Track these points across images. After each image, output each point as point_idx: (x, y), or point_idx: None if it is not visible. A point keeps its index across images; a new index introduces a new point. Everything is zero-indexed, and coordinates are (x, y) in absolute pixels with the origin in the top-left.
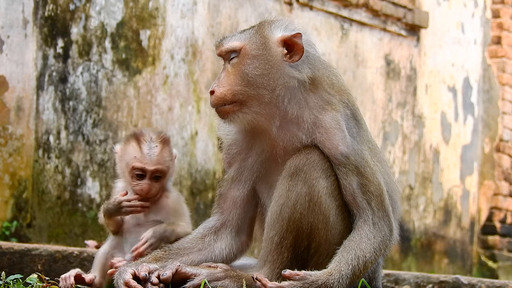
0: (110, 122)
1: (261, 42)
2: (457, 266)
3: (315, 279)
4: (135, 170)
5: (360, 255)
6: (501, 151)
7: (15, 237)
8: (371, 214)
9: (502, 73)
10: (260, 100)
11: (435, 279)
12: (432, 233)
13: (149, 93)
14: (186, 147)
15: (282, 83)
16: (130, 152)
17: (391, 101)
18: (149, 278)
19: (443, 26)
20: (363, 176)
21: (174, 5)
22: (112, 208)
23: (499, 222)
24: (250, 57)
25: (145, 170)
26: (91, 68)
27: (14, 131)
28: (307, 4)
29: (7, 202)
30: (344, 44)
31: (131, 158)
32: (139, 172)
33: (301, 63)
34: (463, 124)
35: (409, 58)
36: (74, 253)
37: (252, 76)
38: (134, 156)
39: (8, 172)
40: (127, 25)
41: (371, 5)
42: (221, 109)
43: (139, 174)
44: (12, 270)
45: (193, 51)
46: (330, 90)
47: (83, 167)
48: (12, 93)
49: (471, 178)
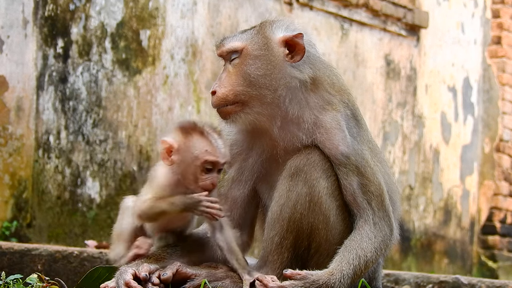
0: (110, 122)
1: (263, 43)
2: (457, 266)
3: (316, 279)
4: (207, 164)
5: (361, 254)
6: (501, 151)
7: (15, 237)
8: (372, 214)
9: (502, 73)
10: (262, 101)
11: (435, 279)
12: (432, 233)
13: (149, 93)
14: None
15: (283, 83)
16: (199, 146)
17: (391, 101)
18: (149, 278)
19: (443, 26)
20: (364, 176)
21: (174, 5)
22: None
23: (499, 222)
24: (252, 58)
25: (217, 163)
26: (91, 68)
27: (14, 131)
28: (307, 4)
29: (7, 202)
30: (344, 44)
31: (201, 151)
32: (210, 166)
33: (302, 63)
34: (463, 124)
35: (409, 58)
36: (74, 253)
37: (254, 77)
38: (206, 150)
39: (8, 172)
40: (127, 25)
41: (371, 5)
42: (223, 109)
43: (208, 168)
44: (12, 270)
45: (193, 51)
46: (330, 90)
47: (83, 167)
48: (12, 93)
49: (471, 178)
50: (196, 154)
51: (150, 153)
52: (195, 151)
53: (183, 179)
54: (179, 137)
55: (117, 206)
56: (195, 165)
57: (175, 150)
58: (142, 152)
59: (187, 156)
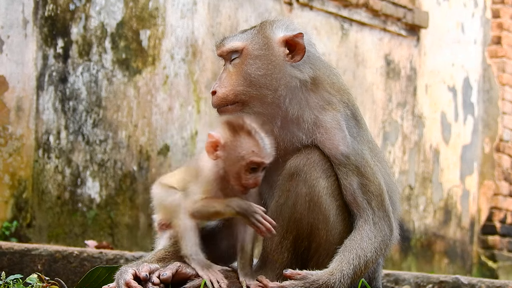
0: (110, 122)
1: (264, 42)
2: (457, 266)
3: (316, 279)
4: (252, 165)
5: (361, 254)
6: (501, 151)
7: (15, 237)
8: (372, 214)
9: (502, 73)
10: (263, 101)
11: (435, 279)
12: (432, 233)
13: (149, 93)
14: (186, 147)
15: (284, 83)
16: (246, 146)
17: (391, 101)
18: (150, 278)
19: (443, 26)
20: (364, 176)
21: (174, 5)
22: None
23: (499, 222)
24: (252, 57)
25: (263, 164)
26: (91, 68)
27: (14, 131)
28: (307, 4)
29: (7, 202)
30: (344, 44)
31: (248, 152)
32: (255, 166)
33: (303, 63)
34: (463, 124)
35: (409, 58)
36: (74, 253)
37: (255, 76)
38: (252, 151)
39: (8, 172)
40: (127, 25)
41: (371, 5)
42: (223, 109)
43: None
44: (12, 270)
45: (193, 51)
46: (330, 90)
47: (83, 167)
48: (12, 93)
49: (471, 178)
50: (243, 154)
51: (150, 153)
52: (241, 151)
53: (226, 175)
54: (227, 133)
55: (117, 206)
56: (240, 164)
57: (221, 146)
58: (142, 152)
59: (233, 155)
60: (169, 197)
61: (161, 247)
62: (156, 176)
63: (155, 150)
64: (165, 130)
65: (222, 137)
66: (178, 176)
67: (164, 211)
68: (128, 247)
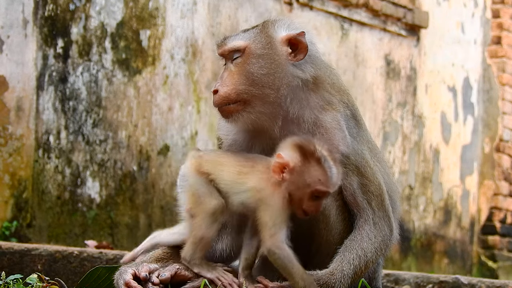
0: (110, 122)
1: (267, 41)
2: (457, 266)
3: (316, 279)
4: (317, 193)
5: (361, 254)
6: (501, 151)
7: (15, 237)
8: (372, 214)
9: (502, 73)
10: (265, 100)
11: (435, 279)
12: (432, 233)
13: (149, 93)
14: (186, 147)
15: (286, 82)
16: (313, 174)
17: (391, 101)
18: (149, 278)
19: (443, 26)
20: (364, 176)
21: (174, 5)
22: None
23: (499, 222)
24: (255, 56)
25: (327, 193)
26: (91, 68)
27: (14, 131)
28: (307, 4)
29: (7, 202)
30: (344, 44)
31: (315, 180)
32: (319, 195)
33: (304, 63)
34: (463, 124)
35: (409, 58)
36: (74, 253)
37: (257, 76)
38: (319, 179)
39: (8, 172)
40: (127, 25)
41: (371, 5)
42: (225, 108)
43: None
44: (12, 270)
45: (193, 51)
46: (331, 90)
47: (83, 167)
48: (12, 93)
49: (471, 178)
50: (309, 182)
51: (150, 153)
52: (308, 178)
53: (288, 197)
54: (297, 157)
55: (117, 206)
56: (305, 191)
57: (289, 169)
58: (142, 152)
59: (299, 180)
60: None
61: (159, 248)
62: (156, 176)
63: (155, 150)
64: (165, 130)
65: (292, 160)
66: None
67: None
68: (128, 247)
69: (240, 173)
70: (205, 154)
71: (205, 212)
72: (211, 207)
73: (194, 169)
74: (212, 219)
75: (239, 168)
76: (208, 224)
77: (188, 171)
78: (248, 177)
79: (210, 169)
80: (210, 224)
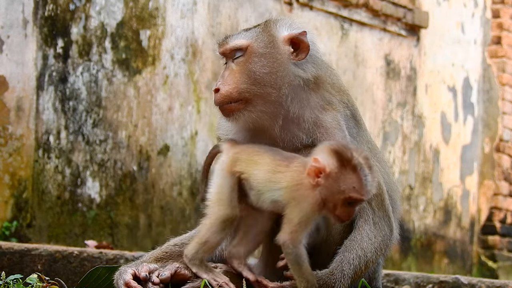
0: (110, 122)
1: (269, 40)
2: (457, 266)
3: (316, 279)
4: (351, 200)
5: (361, 254)
6: (501, 151)
7: (15, 237)
8: (372, 214)
9: (502, 73)
10: (266, 99)
11: (435, 279)
12: (432, 233)
13: (149, 93)
14: (186, 147)
15: (288, 81)
16: (349, 182)
17: (391, 101)
18: (149, 278)
19: (443, 26)
20: None
21: (174, 5)
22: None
23: (499, 222)
24: (257, 55)
25: (361, 201)
26: (91, 68)
27: (14, 131)
28: (307, 4)
29: (7, 202)
30: (344, 44)
31: (349, 188)
32: (353, 201)
33: (305, 62)
34: (463, 124)
35: (409, 58)
36: (74, 253)
37: (259, 74)
38: (354, 187)
39: (8, 172)
40: (127, 25)
41: (371, 5)
42: (226, 107)
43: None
44: (12, 270)
45: (193, 51)
46: (331, 90)
47: (83, 167)
48: (12, 93)
49: (471, 178)
50: (343, 189)
51: (150, 153)
52: (343, 185)
53: (321, 201)
54: (333, 163)
55: (117, 206)
56: (339, 197)
57: (325, 174)
58: (142, 152)
59: (334, 186)
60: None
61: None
62: (156, 176)
63: (155, 150)
64: (165, 130)
65: (328, 165)
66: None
67: (213, 203)
68: (128, 247)
69: (274, 172)
70: (242, 151)
71: (216, 217)
72: (222, 214)
73: (227, 167)
74: (221, 227)
75: (274, 166)
76: (215, 230)
77: (221, 168)
78: (283, 176)
79: (243, 169)
80: (218, 231)
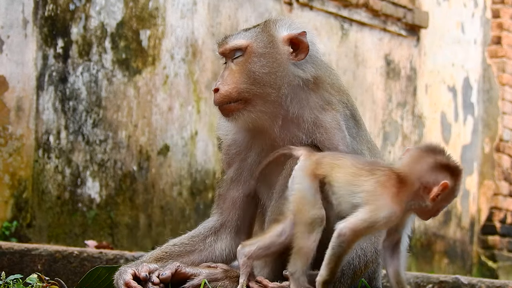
0: (110, 122)
1: (268, 41)
2: (457, 266)
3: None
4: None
5: (361, 254)
6: (501, 151)
7: (15, 237)
8: None
9: (502, 73)
10: (265, 99)
11: (435, 279)
12: (432, 233)
13: (149, 93)
14: (186, 147)
15: (287, 81)
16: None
17: (391, 101)
18: (149, 278)
19: (443, 26)
20: None
21: (174, 5)
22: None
23: (499, 222)
24: (257, 55)
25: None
26: (91, 68)
27: (14, 131)
28: (307, 4)
29: (7, 202)
30: (344, 44)
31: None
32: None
33: (305, 62)
34: (463, 124)
35: (409, 58)
36: (74, 253)
37: (259, 74)
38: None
39: (8, 172)
40: (127, 25)
41: (371, 5)
42: (226, 107)
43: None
44: (12, 270)
45: (193, 51)
46: (330, 90)
47: (83, 167)
48: (12, 93)
49: (471, 178)
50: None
51: (150, 153)
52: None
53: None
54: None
55: (117, 206)
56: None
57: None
58: (142, 152)
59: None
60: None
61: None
62: (156, 176)
63: (155, 150)
64: (165, 130)
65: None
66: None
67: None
68: (128, 247)
69: (356, 175)
70: (322, 157)
71: (304, 221)
72: (309, 216)
73: (308, 172)
74: (309, 229)
75: (356, 170)
76: (305, 234)
77: (301, 174)
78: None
79: (326, 172)
80: (308, 234)
